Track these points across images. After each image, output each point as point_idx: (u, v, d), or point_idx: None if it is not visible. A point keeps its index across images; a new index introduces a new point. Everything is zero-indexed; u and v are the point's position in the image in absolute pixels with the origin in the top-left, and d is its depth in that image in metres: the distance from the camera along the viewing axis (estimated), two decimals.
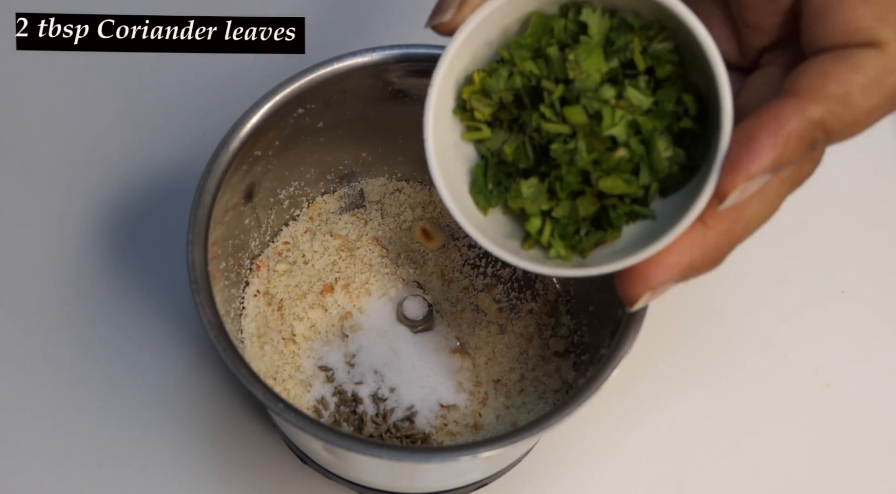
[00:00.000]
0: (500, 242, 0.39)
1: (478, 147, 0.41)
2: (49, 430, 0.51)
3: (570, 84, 0.37)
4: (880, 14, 0.33)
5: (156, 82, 0.61)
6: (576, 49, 0.37)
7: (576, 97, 0.37)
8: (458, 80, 0.40)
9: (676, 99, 0.37)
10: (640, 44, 0.37)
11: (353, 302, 0.51)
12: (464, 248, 0.53)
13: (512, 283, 0.53)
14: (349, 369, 0.50)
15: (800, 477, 0.53)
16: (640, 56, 0.37)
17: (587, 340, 0.49)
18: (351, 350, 0.50)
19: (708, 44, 0.35)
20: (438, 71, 0.38)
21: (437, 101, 0.39)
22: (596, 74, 0.37)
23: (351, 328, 0.51)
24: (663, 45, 0.37)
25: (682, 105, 0.37)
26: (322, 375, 0.49)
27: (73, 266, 0.55)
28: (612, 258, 0.37)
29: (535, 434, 0.39)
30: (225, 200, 0.45)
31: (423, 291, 0.52)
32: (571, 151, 0.37)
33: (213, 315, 0.41)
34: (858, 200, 0.60)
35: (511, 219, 0.41)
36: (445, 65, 0.38)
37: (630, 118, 0.37)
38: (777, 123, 0.33)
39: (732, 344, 0.55)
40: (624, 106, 0.37)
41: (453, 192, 0.39)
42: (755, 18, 0.37)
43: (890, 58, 0.33)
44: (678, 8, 0.36)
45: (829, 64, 0.34)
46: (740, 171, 0.33)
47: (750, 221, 0.36)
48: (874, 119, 0.34)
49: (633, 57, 0.37)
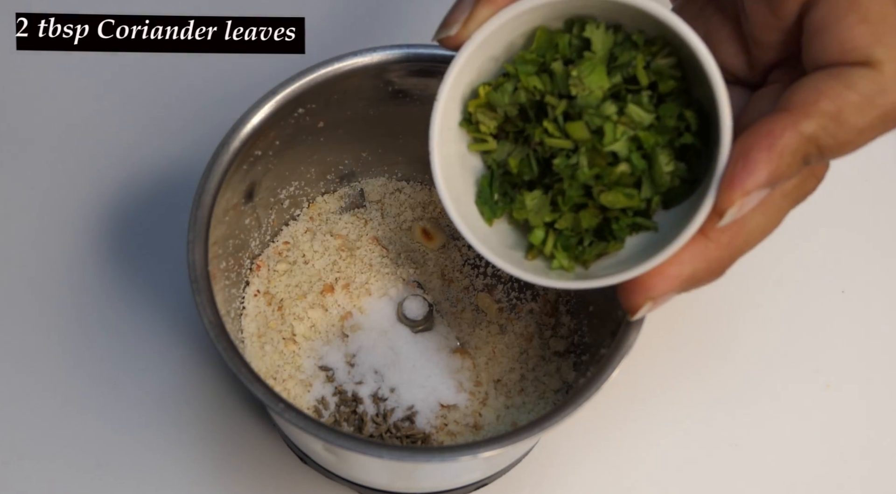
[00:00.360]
0: (503, 253, 0.39)
1: (484, 158, 0.41)
2: (49, 430, 0.51)
3: (573, 99, 0.38)
4: (877, 34, 0.33)
5: (156, 82, 0.61)
6: (579, 65, 0.38)
7: (578, 113, 0.38)
8: (464, 94, 0.40)
9: (678, 114, 0.37)
10: (644, 59, 0.37)
11: (354, 302, 0.51)
12: (464, 248, 0.53)
13: (512, 283, 0.53)
14: (349, 369, 0.50)
15: (800, 477, 0.53)
16: (643, 72, 0.37)
17: (587, 340, 0.49)
18: (351, 350, 0.50)
19: (708, 61, 0.36)
20: (444, 85, 0.39)
21: (442, 114, 0.39)
22: (598, 91, 0.37)
23: (351, 328, 0.51)
24: (666, 61, 0.38)
25: (684, 120, 0.37)
26: (322, 375, 0.50)
27: (73, 265, 0.55)
28: (615, 270, 0.38)
29: (535, 435, 0.39)
30: (225, 200, 0.45)
31: (423, 291, 0.52)
32: (573, 166, 0.38)
33: (214, 314, 0.41)
34: (858, 200, 0.60)
35: (514, 230, 0.41)
36: (451, 79, 0.39)
37: (631, 133, 0.37)
38: (770, 139, 0.34)
39: (732, 343, 0.55)
40: (625, 122, 0.37)
41: (457, 203, 0.39)
42: (761, 35, 0.37)
43: (884, 78, 0.33)
44: (679, 26, 0.36)
45: (824, 81, 0.34)
46: (736, 188, 0.34)
47: (751, 235, 0.37)
48: (867, 138, 0.34)
49: (636, 72, 0.37)
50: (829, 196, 0.60)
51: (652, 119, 0.37)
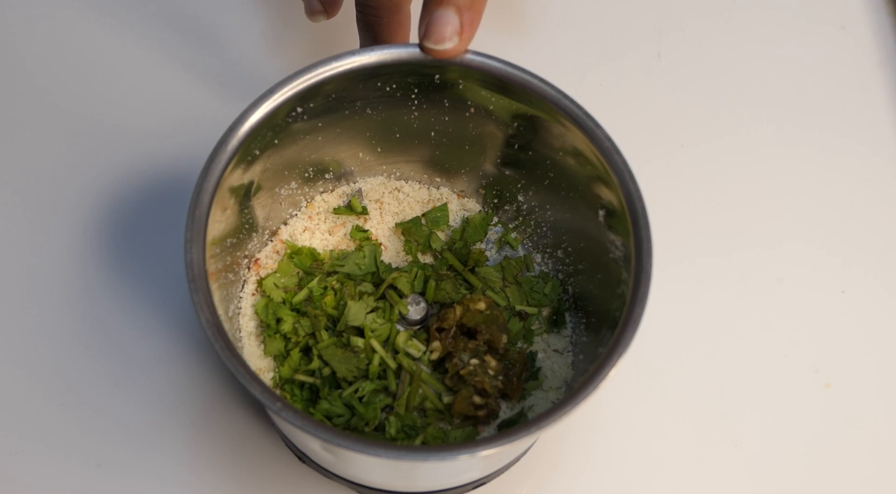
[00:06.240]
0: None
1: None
2: (47, 430, 0.51)
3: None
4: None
5: (156, 81, 0.61)
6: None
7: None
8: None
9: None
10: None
11: None
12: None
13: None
14: None
15: (800, 477, 0.52)
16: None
17: (586, 339, 0.49)
18: None
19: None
20: None
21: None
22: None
23: None
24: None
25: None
26: None
27: (71, 265, 0.55)
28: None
29: (533, 433, 0.39)
30: (223, 199, 0.45)
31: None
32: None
33: (212, 314, 0.41)
34: (858, 200, 0.60)
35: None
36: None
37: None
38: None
39: (732, 343, 0.55)
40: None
41: None
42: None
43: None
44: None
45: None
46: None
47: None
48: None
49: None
50: (829, 196, 0.60)
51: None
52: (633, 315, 0.42)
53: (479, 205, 0.54)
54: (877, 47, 0.65)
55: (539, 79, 0.45)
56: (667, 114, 0.62)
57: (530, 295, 0.51)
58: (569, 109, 0.45)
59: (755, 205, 0.59)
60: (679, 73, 0.63)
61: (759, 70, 0.64)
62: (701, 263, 0.57)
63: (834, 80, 0.64)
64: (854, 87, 0.63)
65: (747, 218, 0.59)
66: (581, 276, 0.50)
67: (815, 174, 0.61)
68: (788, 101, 0.63)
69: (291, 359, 0.48)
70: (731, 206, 0.59)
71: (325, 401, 0.47)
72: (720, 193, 0.59)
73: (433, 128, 0.50)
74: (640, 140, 0.54)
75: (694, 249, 0.57)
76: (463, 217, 0.54)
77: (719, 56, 0.64)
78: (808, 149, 0.61)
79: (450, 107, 0.49)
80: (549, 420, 0.40)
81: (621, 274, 0.44)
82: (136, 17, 0.62)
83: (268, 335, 0.49)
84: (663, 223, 0.48)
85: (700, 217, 0.59)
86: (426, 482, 0.47)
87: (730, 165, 0.60)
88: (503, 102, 0.47)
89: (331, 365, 0.48)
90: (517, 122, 0.48)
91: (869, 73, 0.64)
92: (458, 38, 0.44)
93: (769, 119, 0.62)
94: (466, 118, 0.49)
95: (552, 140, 0.47)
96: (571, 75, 0.53)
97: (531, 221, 0.53)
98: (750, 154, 0.61)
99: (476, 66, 0.46)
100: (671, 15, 0.65)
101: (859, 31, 0.65)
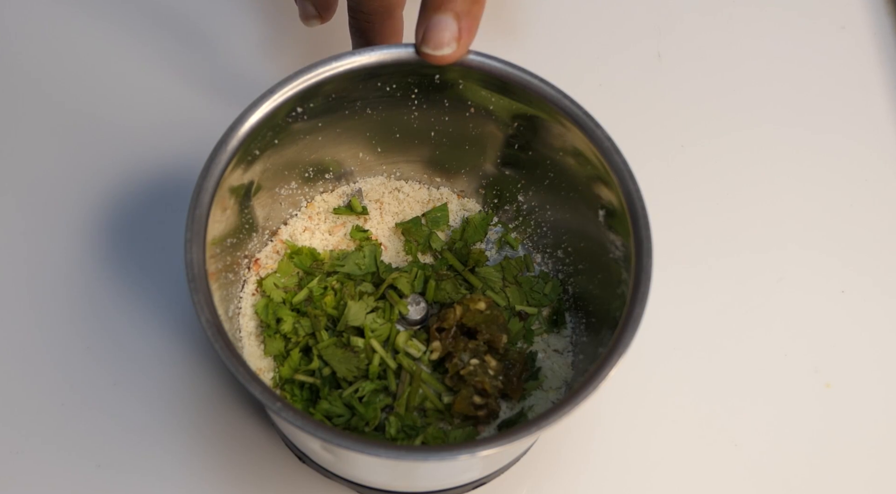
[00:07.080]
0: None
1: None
2: (47, 430, 0.51)
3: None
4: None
5: (156, 82, 0.61)
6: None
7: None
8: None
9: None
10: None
11: None
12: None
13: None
14: None
15: (800, 477, 0.52)
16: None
17: (586, 339, 0.49)
18: None
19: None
20: None
21: None
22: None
23: None
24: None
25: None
26: None
27: (71, 265, 0.55)
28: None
29: (533, 433, 0.39)
30: (223, 199, 0.45)
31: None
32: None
33: (212, 314, 0.41)
34: (858, 201, 0.60)
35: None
36: None
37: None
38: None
39: (732, 343, 0.55)
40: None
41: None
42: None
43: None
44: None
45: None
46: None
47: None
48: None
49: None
50: (829, 196, 0.60)
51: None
52: (633, 315, 0.42)
53: (479, 205, 0.54)
54: (877, 47, 0.65)
55: (539, 79, 0.45)
56: (667, 114, 0.62)
57: (530, 295, 0.51)
58: (569, 109, 0.45)
59: (755, 204, 0.59)
60: (679, 72, 0.63)
61: (759, 70, 0.64)
62: (701, 263, 0.57)
63: (834, 80, 0.64)
64: (854, 87, 0.63)
65: (747, 217, 0.59)
66: (581, 276, 0.50)
67: (815, 174, 0.61)
68: (788, 101, 0.63)
69: (291, 359, 0.48)
70: (731, 206, 0.59)
71: (325, 401, 0.47)
72: (720, 193, 0.59)
73: (433, 128, 0.50)
74: (640, 140, 0.54)
75: (694, 249, 0.57)
76: (463, 217, 0.54)
77: (719, 56, 0.64)
78: (808, 148, 0.61)
79: (450, 107, 0.49)
80: (549, 420, 0.40)
81: (621, 274, 0.44)
82: (136, 19, 0.62)
83: (268, 335, 0.49)
84: (663, 223, 0.48)
85: (700, 217, 0.59)
86: (426, 482, 0.47)
87: (730, 165, 0.60)
88: (503, 102, 0.47)
89: (331, 365, 0.47)
90: (517, 122, 0.48)
91: (869, 73, 0.64)
92: (457, 44, 0.44)
93: (769, 119, 0.62)
94: (466, 118, 0.49)
95: (552, 140, 0.47)
96: (571, 75, 0.53)
97: (531, 221, 0.53)
98: (750, 154, 0.61)
99: (476, 66, 0.46)
100: (671, 15, 0.65)
101: (859, 31, 0.65)
